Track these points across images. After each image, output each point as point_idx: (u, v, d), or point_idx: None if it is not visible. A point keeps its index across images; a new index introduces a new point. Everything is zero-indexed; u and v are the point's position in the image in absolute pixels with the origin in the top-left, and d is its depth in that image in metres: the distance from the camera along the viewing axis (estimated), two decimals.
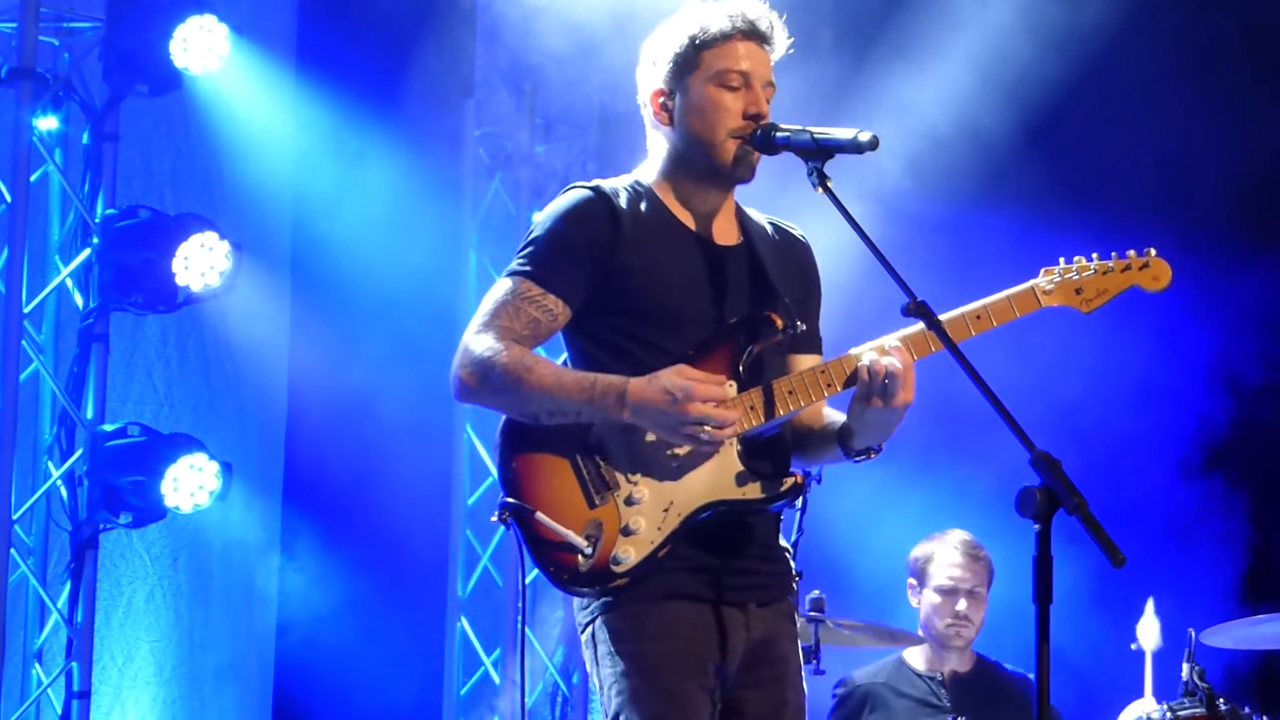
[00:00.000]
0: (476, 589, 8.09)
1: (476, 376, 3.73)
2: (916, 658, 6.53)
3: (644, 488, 3.72)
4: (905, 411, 3.74)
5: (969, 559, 6.41)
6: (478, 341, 3.76)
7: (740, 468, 3.75)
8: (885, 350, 3.73)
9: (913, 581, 6.55)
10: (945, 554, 6.45)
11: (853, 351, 3.77)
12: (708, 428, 3.62)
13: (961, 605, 6.39)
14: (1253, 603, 7.95)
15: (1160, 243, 3.93)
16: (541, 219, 3.86)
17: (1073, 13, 8.01)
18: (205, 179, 7.42)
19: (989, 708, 6.35)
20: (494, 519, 3.75)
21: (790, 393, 3.75)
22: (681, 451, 3.71)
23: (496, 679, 7.97)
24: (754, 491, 3.76)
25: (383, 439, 7.65)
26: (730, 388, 3.74)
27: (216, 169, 7.42)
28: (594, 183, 3.89)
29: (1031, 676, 6.30)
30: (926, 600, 6.50)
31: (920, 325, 3.65)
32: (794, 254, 4.01)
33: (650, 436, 3.71)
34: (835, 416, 3.91)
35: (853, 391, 3.76)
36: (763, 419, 3.74)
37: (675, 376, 3.64)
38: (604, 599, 3.74)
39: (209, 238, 6.66)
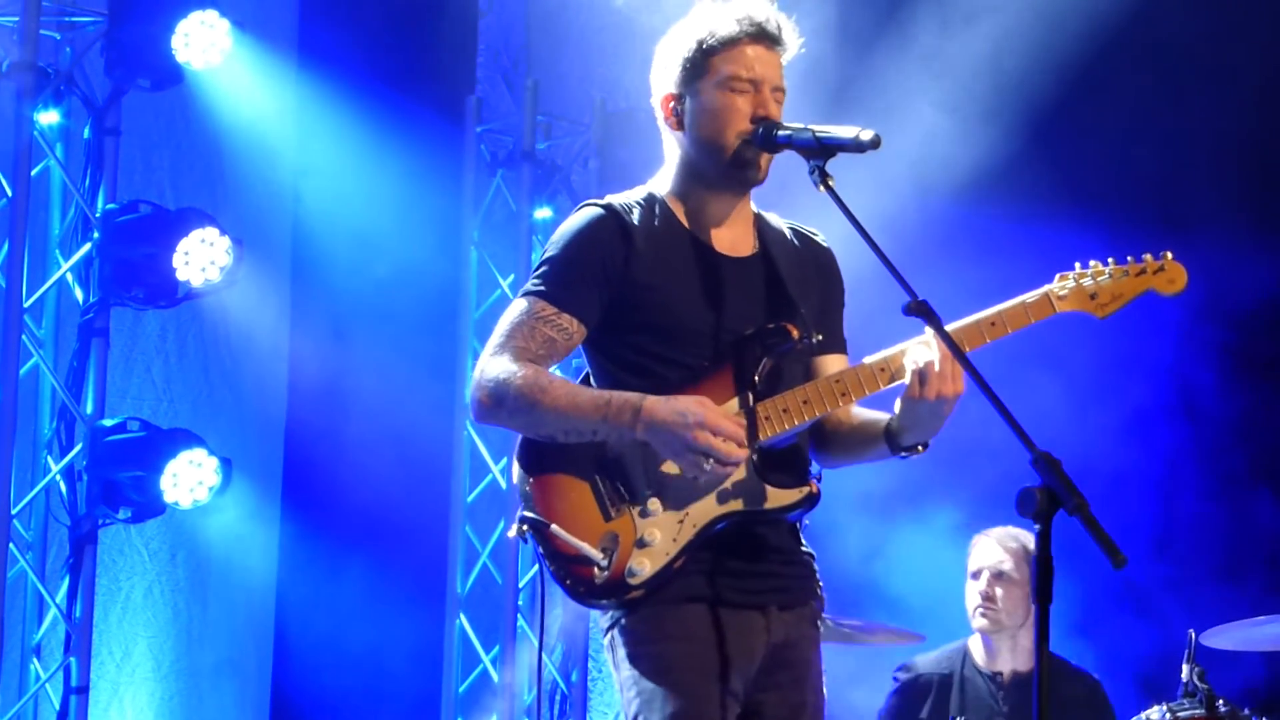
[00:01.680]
0: (475, 586, 8.07)
1: (493, 399, 3.72)
2: (978, 648, 6.41)
3: (659, 500, 3.71)
4: (954, 404, 3.69)
5: (998, 544, 6.31)
6: (494, 364, 3.74)
7: (756, 478, 3.73)
8: (926, 345, 3.68)
9: None
10: (980, 542, 6.39)
11: (868, 360, 3.76)
12: (711, 460, 3.60)
13: (984, 584, 6.29)
14: None
15: (1166, 242, 3.92)
16: (555, 239, 3.85)
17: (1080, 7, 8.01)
18: (206, 174, 7.41)
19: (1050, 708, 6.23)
20: (512, 534, 3.76)
21: (805, 402, 3.73)
22: None
23: (495, 676, 7.96)
24: (770, 501, 3.73)
25: (382, 435, 7.64)
26: (747, 396, 3.72)
27: (217, 164, 7.42)
28: (606, 200, 3.88)
29: (1093, 677, 6.33)
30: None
31: (951, 326, 3.63)
32: (814, 259, 3.98)
33: None
34: (869, 414, 3.89)
35: (876, 394, 3.74)
36: (777, 429, 3.72)
37: (694, 403, 3.63)
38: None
39: (209, 233, 6.66)
